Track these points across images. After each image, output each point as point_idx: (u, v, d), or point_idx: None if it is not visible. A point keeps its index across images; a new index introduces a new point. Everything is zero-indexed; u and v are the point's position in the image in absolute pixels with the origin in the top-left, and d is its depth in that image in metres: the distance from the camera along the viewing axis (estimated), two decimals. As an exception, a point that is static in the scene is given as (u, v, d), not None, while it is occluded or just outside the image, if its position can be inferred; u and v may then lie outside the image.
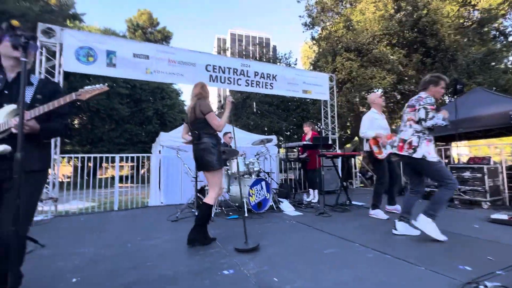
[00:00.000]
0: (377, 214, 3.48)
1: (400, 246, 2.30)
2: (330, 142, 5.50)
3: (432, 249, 2.21)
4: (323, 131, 7.46)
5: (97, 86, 1.46)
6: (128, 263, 2.09)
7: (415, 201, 2.67)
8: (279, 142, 8.14)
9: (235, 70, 6.04)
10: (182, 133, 2.92)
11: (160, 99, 20.97)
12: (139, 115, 19.63)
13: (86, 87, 1.45)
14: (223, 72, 5.89)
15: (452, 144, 6.19)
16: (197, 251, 2.32)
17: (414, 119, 2.56)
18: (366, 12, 11.04)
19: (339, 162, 6.75)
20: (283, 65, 14.64)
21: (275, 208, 4.20)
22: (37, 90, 1.45)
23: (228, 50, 21.64)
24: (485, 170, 4.15)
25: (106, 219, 3.98)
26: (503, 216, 3.04)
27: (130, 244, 2.62)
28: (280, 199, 4.51)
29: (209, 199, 2.53)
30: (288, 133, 14.91)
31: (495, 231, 2.70)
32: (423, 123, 2.46)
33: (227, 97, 2.86)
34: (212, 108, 2.64)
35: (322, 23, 13.16)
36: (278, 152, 7.13)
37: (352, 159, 7.61)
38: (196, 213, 3.88)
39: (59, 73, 4.52)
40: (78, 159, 5.17)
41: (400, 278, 1.69)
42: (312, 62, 14.03)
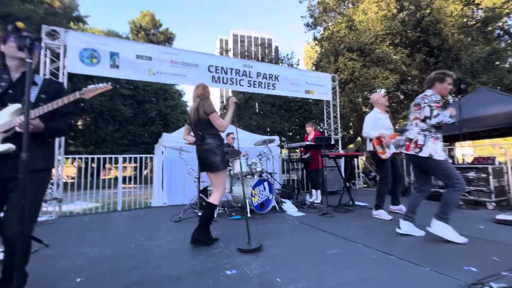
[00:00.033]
0: (380, 214, 3.46)
1: (404, 246, 2.29)
2: (333, 143, 5.49)
3: (437, 250, 2.19)
4: (325, 132, 7.44)
5: (100, 85, 1.47)
6: (131, 263, 2.10)
7: (420, 200, 2.64)
8: (282, 143, 8.13)
9: (238, 71, 6.06)
10: (183, 134, 2.93)
11: (163, 100, 21.07)
12: (142, 116, 19.73)
13: (89, 86, 1.46)
14: (226, 73, 5.91)
15: (456, 144, 6.14)
16: (200, 251, 2.33)
17: (419, 117, 2.53)
18: (368, 12, 11.01)
19: (342, 162, 6.73)
20: (285, 65, 14.63)
21: (277, 209, 4.20)
22: (41, 90, 1.46)
23: (230, 51, 21.69)
24: (490, 170, 4.11)
25: (109, 220, 4.00)
26: (508, 216, 3.00)
27: (134, 244, 2.63)
28: (282, 200, 4.50)
29: (213, 199, 2.53)
30: (290, 133, 14.89)
31: (500, 232, 2.67)
32: (428, 121, 2.44)
33: (230, 97, 2.86)
34: (215, 109, 2.64)
35: (324, 23, 13.15)
36: (281, 153, 7.12)
37: (355, 160, 7.59)
38: (199, 213, 3.89)
39: (63, 74, 4.56)
40: (82, 160, 5.21)
41: (405, 279, 1.67)
42: (315, 63, 14.02)
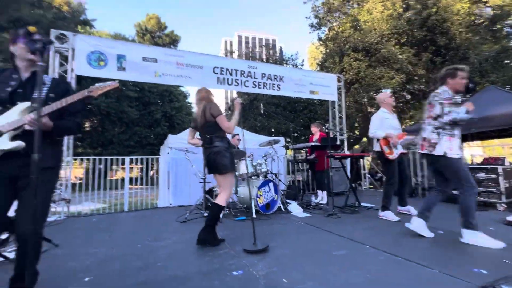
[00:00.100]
0: (387, 215, 3.42)
1: (412, 248, 2.25)
2: (338, 143, 5.46)
3: (446, 251, 2.16)
4: (331, 132, 7.40)
5: (108, 83, 1.49)
6: (138, 263, 2.12)
7: (438, 200, 2.58)
8: (286, 143, 8.11)
9: (243, 72, 6.07)
10: (188, 138, 2.93)
11: (168, 102, 21.26)
12: (148, 117, 19.94)
13: (97, 84, 1.48)
14: (231, 74, 5.93)
15: (465, 145, 6.03)
16: (206, 252, 2.34)
17: (432, 115, 2.50)
18: (373, 12, 10.93)
19: (347, 163, 6.68)
20: (290, 66, 14.62)
21: (283, 210, 4.19)
22: (50, 89, 1.49)
23: (234, 52, 21.77)
24: (499, 171, 4.03)
25: (116, 220, 4.05)
26: (519, 218, 2.94)
27: (140, 244, 2.66)
28: (288, 201, 4.49)
29: (220, 200, 2.54)
30: (295, 134, 14.84)
31: (511, 234, 2.61)
32: (440, 119, 2.41)
33: (235, 98, 2.87)
34: (222, 111, 2.65)
35: (329, 23, 13.11)
36: (286, 154, 7.10)
37: (361, 160, 7.53)
38: (205, 214, 3.91)
39: (72, 77, 4.64)
40: (90, 161, 5.29)
41: (413, 280, 1.65)
42: (319, 63, 13.98)
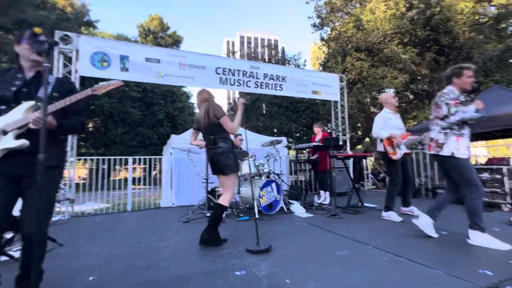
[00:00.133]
0: (390, 216, 3.40)
1: (416, 249, 2.24)
2: (341, 143, 5.44)
3: (450, 252, 2.15)
4: (333, 132, 7.38)
5: (111, 81, 1.50)
6: (142, 263, 2.13)
7: (449, 200, 2.55)
8: (289, 144, 8.11)
9: (245, 72, 6.08)
10: (190, 139, 2.94)
11: (171, 102, 21.33)
12: (150, 118, 20.03)
13: (101, 83, 1.49)
14: (233, 75, 5.94)
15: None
16: (208, 252, 2.34)
17: (439, 116, 2.49)
18: (376, 11, 10.88)
19: (350, 163, 6.66)
20: (292, 66, 14.60)
21: (285, 210, 4.19)
22: (54, 88, 1.51)
23: (237, 52, 21.79)
24: (504, 171, 3.99)
25: (120, 220, 4.07)
26: (525, 219, 2.91)
27: (144, 244, 2.67)
28: (290, 201, 4.48)
29: (224, 200, 2.55)
30: (297, 134, 14.82)
31: (516, 235, 2.59)
32: (447, 120, 2.40)
33: (239, 99, 2.87)
34: (225, 112, 2.66)
35: (331, 23, 13.06)
36: (288, 154, 7.09)
37: (364, 161, 7.49)
38: (208, 214, 3.92)
39: (76, 78, 4.67)
40: (93, 161, 5.32)
41: (416, 281, 1.64)
42: (322, 63, 13.93)
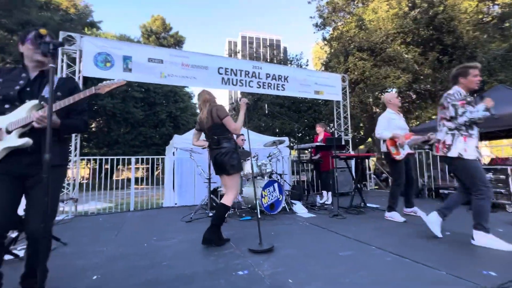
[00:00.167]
0: (393, 216, 3.39)
1: (420, 249, 2.23)
2: (343, 143, 5.43)
3: (454, 253, 2.13)
4: (335, 132, 7.36)
5: (115, 80, 1.50)
6: (145, 262, 2.14)
7: (461, 201, 2.52)
8: (291, 144, 8.10)
9: (247, 72, 6.09)
10: (193, 140, 2.94)
11: (173, 102, 21.42)
12: (153, 118, 20.12)
13: (104, 82, 1.50)
14: (235, 75, 5.95)
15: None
16: (211, 252, 2.35)
17: (445, 117, 2.46)
18: (379, 11, 10.84)
19: (352, 163, 6.64)
20: (294, 66, 14.59)
21: (287, 210, 4.18)
22: (57, 88, 1.52)
23: (239, 52, 21.81)
24: (509, 172, 3.97)
25: (123, 220, 4.09)
26: (529, 219, 2.88)
27: (147, 244, 2.68)
28: (292, 201, 4.48)
29: (227, 200, 2.55)
30: (299, 134, 14.81)
31: (521, 236, 2.57)
32: (455, 121, 2.36)
33: (241, 99, 2.87)
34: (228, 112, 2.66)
35: (333, 23, 13.03)
36: (290, 154, 7.09)
37: (366, 161, 7.47)
38: (210, 214, 3.92)
39: (79, 78, 4.71)
40: (97, 161, 5.35)
41: (420, 282, 1.64)
42: (324, 63, 13.91)
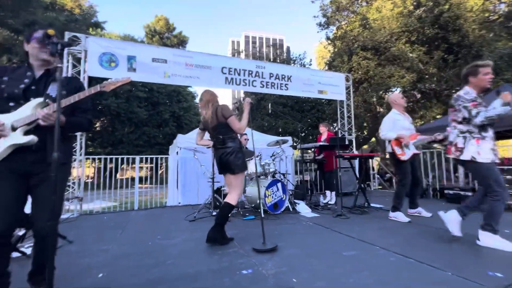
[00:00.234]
0: (397, 216, 3.37)
1: (425, 250, 2.22)
2: (347, 143, 5.40)
3: (459, 254, 2.12)
4: (339, 132, 7.33)
5: (120, 78, 1.50)
6: (149, 260, 2.16)
7: (482, 202, 2.45)
8: (294, 143, 8.09)
9: (250, 72, 6.09)
10: (196, 140, 2.94)
11: (177, 102, 21.50)
12: (156, 117, 20.22)
13: (110, 80, 1.50)
14: (239, 74, 5.95)
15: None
16: (215, 251, 2.36)
17: (456, 119, 2.40)
18: (383, 10, 10.76)
19: (356, 163, 6.61)
20: (297, 65, 14.55)
21: (291, 210, 4.18)
22: (62, 87, 1.53)
23: (242, 52, 21.83)
24: (515, 172, 3.91)
25: (127, 218, 4.12)
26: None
27: (151, 242, 2.70)
28: (296, 201, 4.47)
29: (231, 199, 2.56)
30: (303, 134, 14.77)
31: (528, 237, 2.53)
32: (470, 122, 2.29)
33: (245, 98, 2.87)
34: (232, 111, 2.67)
35: (337, 22, 12.97)
36: (293, 154, 7.07)
37: (370, 161, 7.43)
38: (213, 213, 3.94)
39: (84, 78, 4.75)
40: (101, 160, 5.40)
41: (424, 283, 1.63)
42: (327, 62, 13.85)
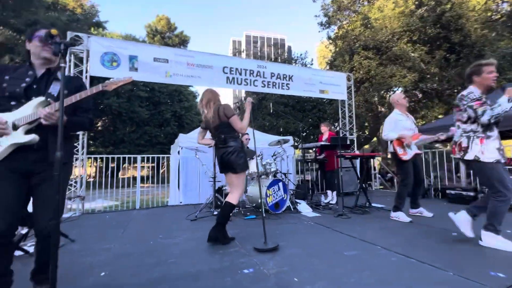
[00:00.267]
0: (398, 216, 3.36)
1: (426, 249, 2.21)
2: (348, 143, 5.40)
3: (461, 254, 2.11)
4: (340, 131, 7.33)
5: (122, 77, 1.50)
6: (151, 259, 2.17)
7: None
8: (295, 143, 8.08)
9: (252, 72, 6.09)
10: (198, 139, 2.95)
11: (178, 102, 21.54)
12: (158, 117, 20.27)
13: (112, 79, 1.49)
14: (240, 74, 5.96)
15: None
16: (216, 250, 2.36)
17: (461, 119, 2.40)
18: (384, 9, 10.73)
19: (357, 163, 6.60)
20: (299, 65, 14.54)
21: (292, 209, 4.18)
22: (63, 86, 1.54)
23: (243, 52, 21.83)
24: (518, 172, 3.90)
25: (129, 218, 4.14)
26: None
27: (153, 241, 2.71)
28: (297, 200, 4.48)
29: (232, 199, 2.56)
30: (304, 133, 14.77)
31: (530, 237, 2.52)
32: (479, 122, 2.28)
33: (247, 98, 2.87)
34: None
35: (338, 22, 12.96)
36: (294, 153, 7.08)
37: (371, 160, 7.42)
38: (215, 212, 3.95)
39: (86, 78, 4.77)
40: (103, 159, 5.43)
41: (426, 282, 1.62)
42: (329, 62, 13.83)
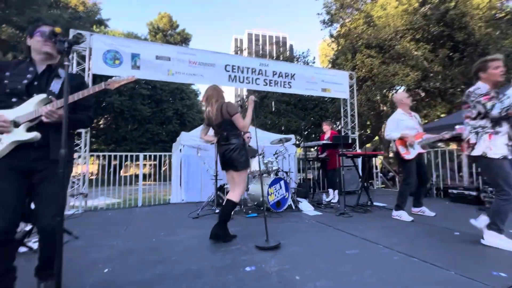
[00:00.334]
0: (400, 215, 3.36)
1: (428, 249, 2.21)
2: (350, 141, 5.39)
3: (463, 253, 2.11)
4: (342, 130, 7.31)
5: (124, 76, 1.50)
6: (154, 256, 2.18)
7: None
8: (297, 141, 8.08)
9: (254, 70, 6.08)
10: (200, 134, 2.96)
11: (180, 100, 21.57)
12: (159, 115, 20.31)
13: (114, 78, 1.50)
14: (242, 72, 5.95)
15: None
16: (218, 248, 2.37)
17: (470, 116, 2.39)
18: (387, 7, 10.66)
19: (359, 162, 6.59)
20: (301, 63, 14.48)
21: (293, 208, 4.19)
22: (64, 83, 1.54)
23: (245, 50, 21.78)
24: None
25: (131, 215, 4.16)
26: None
27: (155, 239, 2.73)
28: (299, 199, 4.48)
29: (234, 196, 2.57)
30: (306, 132, 14.74)
31: (533, 237, 2.51)
32: (489, 116, 2.26)
33: (250, 96, 2.87)
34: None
35: (341, 20, 12.90)
36: (296, 152, 7.07)
37: (373, 159, 7.40)
38: (216, 210, 3.96)
39: (88, 76, 4.78)
40: (105, 157, 5.46)
41: (428, 282, 1.63)
42: (331, 60, 13.79)
